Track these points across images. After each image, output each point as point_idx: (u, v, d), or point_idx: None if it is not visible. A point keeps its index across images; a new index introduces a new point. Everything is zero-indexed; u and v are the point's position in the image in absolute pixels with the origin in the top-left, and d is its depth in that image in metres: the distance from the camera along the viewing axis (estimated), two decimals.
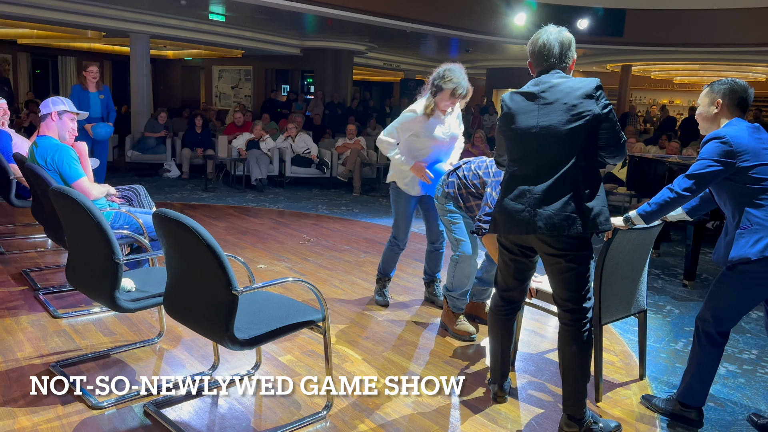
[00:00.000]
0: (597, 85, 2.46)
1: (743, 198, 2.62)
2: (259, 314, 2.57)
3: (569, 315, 2.61)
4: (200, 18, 12.29)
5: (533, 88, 2.56)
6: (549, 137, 2.48)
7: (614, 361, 3.52)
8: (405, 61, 18.79)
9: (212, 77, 19.37)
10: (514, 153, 2.61)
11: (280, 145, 9.75)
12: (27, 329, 3.50)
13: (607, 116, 2.46)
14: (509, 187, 2.60)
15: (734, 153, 2.56)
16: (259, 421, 2.69)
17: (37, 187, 3.87)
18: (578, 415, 2.60)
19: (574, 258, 2.54)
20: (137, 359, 3.22)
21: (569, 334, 2.61)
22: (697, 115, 2.84)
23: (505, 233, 2.65)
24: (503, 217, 2.61)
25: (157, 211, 2.44)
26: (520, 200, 2.54)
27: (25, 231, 5.73)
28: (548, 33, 2.58)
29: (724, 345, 2.78)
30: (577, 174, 2.47)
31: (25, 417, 2.60)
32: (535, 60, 2.61)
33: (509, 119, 2.59)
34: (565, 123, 2.46)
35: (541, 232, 2.49)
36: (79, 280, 3.02)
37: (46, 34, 14.48)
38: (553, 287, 2.67)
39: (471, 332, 3.70)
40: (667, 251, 6.38)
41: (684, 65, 16.07)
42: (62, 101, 4.03)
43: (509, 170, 2.64)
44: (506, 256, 2.77)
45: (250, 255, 5.34)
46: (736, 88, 2.68)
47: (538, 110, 2.51)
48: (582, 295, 2.59)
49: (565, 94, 2.47)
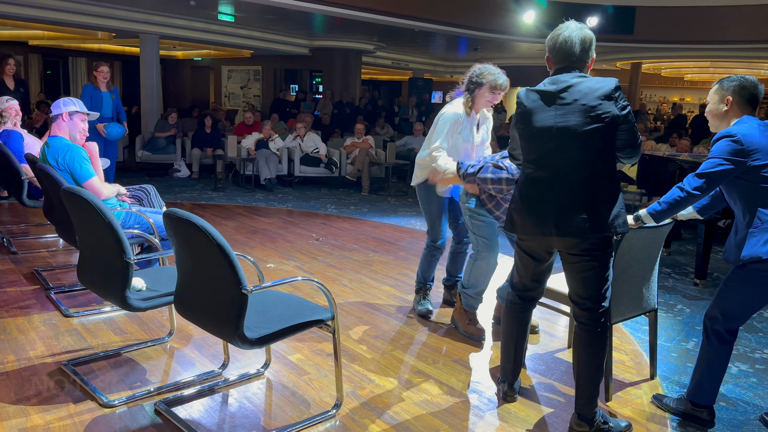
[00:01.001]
0: (616, 86, 2.43)
1: (754, 196, 2.60)
2: (269, 313, 2.57)
3: (587, 314, 2.59)
4: (209, 18, 12.33)
5: (551, 87, 2.50)
6: (567, 139, 2.45)
7: (624, 361, 3.50)
8: (413, 60, 18.77)
9: (221, 77, 19.44)
10: (530, 153, 2.58)
11: (289, 144, 9.77)
12: (39, 328, 3.53)
13: (626, 118, 2.43)
14: (526, 188, 2.58)
15: (745, 151, 2.54)
16: (269, 420, 2.70)
17: (48, 187, 3.90)
18: (589, 415, 2.59)
19: (596, 257, 2.52)
20: (148, 358, 3.24)
21: (586, 333, 2.60)
22: (707, 113, 2.81)
23: (523, 234, 2.64)
24: (521, 218, 2.60)
25: (167, 210, 2.45)
26: (538, 203, 2.52)
27: (37, 231, 5.78)
28: (570, 30, 2.52)
29: (733, 343, 2.76)
30: (596, 176, 2.45)
31: (37, 415, 2.62)
32: (554, 56, 2.56)
33: (525, 118, 2.55)
34: (584, 125, 2.42)
35: (560, 235, 2.47)
36: (91, 279, 3.04)
37: (57, 36, 14.59)
38: (571, 285, 2.65)
39: (481, 333, 3.68)
40: (678, 250, 6.34)
41: (695, 62, 15.95)
42: (73, 102, 4.06)
43: (525, 171, 2.62)
44: (523, 257, 2.75)
45: (259, 254, 5.36)
46: (746, 85, 2.65)
47: (555, 111, 2.47)
48: (601, 294, 2.57)
49: (584, 95, 2.43)
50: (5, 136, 5.35)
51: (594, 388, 2.59)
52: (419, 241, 6.16)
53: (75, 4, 10.46)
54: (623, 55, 14.88)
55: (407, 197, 9.18)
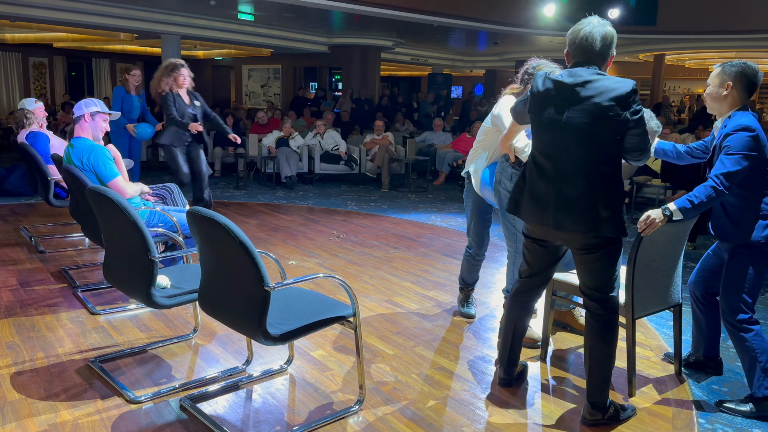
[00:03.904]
0: (633, 89, 2.39)
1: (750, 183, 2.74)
2: (291, 310, 2.59)
3: (596, 304, 2.62)
4: (229, 18, 12.43)
5: (567, 78, 2.48)
6: (574, 135, 2.44)
7: (649, 356, 3.46)
8: (432, 55, 18.70)
9: (242, 76, 19.59)
10: (538, 140, 2.59)
11: (309, 142, 9.81)
12: (67, 326, 3.60)
13: (637, 123, 2.41)
14: (532, 174, 2.61)
15: (762, 146, 2.68)
16: (293, 416, 2.72)
17: (74, 188, 3.97)
18: (601, 403, 2.63)
19: (600, 253, 2.54)
20: (173, 354, 3.28)
21: (597, 323, 2.62)
22: (706, 94, 2.88)
23: (525, 219, 2.67)
24: (525, 202, 2.63)
25: (190, 209, 2.48)
26: (541, 192, 2.55)
27: (64, 230, 5.88)
28: (591, 25, 2.48)
29: (758, 322, 2.82)
30: (599, 177, 2.45)
31: (66, 411, 2.68)
32: (574, 51, 2.53)
33: (536, 104, 2.56)
34: (593, 124, 2.40)
35: (557, 229, 2.51)
36: (116, 277, 3.09)
37: (81, 38, 14.84)
38: (579, 276, 2.68)
39: (536, 339, 3.49)
40: (704, 244, 6.24)
41: (720, 53, 15.62)
42: (94, 102, 4.12)
43: (533, 156, 2.63)
44: (529, 244, 2.77)
45: (281, 251, 5.39)
46: (746, 72, 2.74)
47: (567, 105, 2.45)
48: (608, 284, 2.59)
49: (599, 93, 2.40)
50: (32, 137, 5.46)
51: (607, 377, 2.62)
52: (440, 237, 6.15)
53: (97, 6, 10.61)
54: (646, 47, 14.64)
55: (427, 193, 9.16)
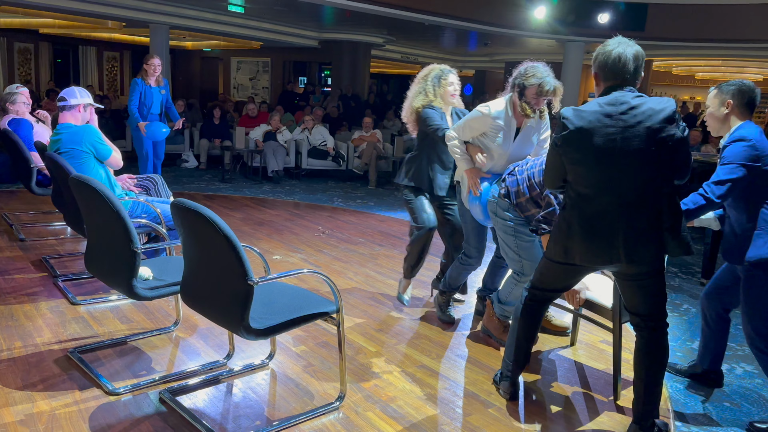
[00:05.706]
0: (675, 107, 2.36)
1: (757, 198, 2.67)
2: (274, 305, 2.58)
3: (652, 324, 2.55)
4: (219, 9, 12.34)
5: (609, 108, 2.36)
6: (632, 163, 2.33)
7: (630, 359, 3.49)
8: (423, 54, 18.72)
9: (230, 68, 19.46)
10: (584, 177, 2.42)
11: (297, 137, 9.78)
12: (46, 315, 3.56)
13: (686, 140, 2.36)
14: (584, 217, 2.44)
15: (759, 156, 2.64)
16: (273, 411, 2.71)
17: (57, 176, 3.92)
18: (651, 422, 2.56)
19: (661, 277, 2.50)
20: (153, 347, 3.26)
21: (652, 343, 2.55)
22: (707, 116, 2.89)
23: (586, 263, 2.52)
24: (582, 247, 2.46)
25: (175, 201, 2.46)
26: (604, 231, 2.40)
27: (45, 218, 5.81)
28: (623, 45, 2.41)
29: None
30: (662, 201, 2.37)
31: (43, 401, 2.65)
32: (606, 73, 2.43)
33: (579, 139, 2.38)
34: (650, 148, 2.32)
35: (630, 262, 2.40)
36: (98, 267, 3.06)
37: (68, 24, 14.63)
38: (631, 303, 2.58)
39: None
40: None
41: (706, 61, 15.83)
42: (87, 93, 4.10)
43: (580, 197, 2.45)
44: (559, 269, 2.64)
45: (265, 246, 5.37)
46: (744, 89, 2.77)
47: (618, 133, 2.33)
48: (663, 309, 2.54)
49: (648, 117, 2.32)
50: (15, 124, 5.38)
51: (659, 394, 2.57)
52: None
53: None
54: None
55: None
